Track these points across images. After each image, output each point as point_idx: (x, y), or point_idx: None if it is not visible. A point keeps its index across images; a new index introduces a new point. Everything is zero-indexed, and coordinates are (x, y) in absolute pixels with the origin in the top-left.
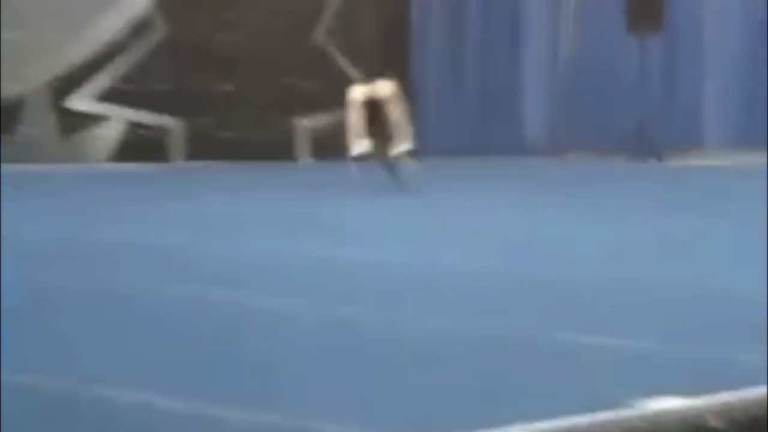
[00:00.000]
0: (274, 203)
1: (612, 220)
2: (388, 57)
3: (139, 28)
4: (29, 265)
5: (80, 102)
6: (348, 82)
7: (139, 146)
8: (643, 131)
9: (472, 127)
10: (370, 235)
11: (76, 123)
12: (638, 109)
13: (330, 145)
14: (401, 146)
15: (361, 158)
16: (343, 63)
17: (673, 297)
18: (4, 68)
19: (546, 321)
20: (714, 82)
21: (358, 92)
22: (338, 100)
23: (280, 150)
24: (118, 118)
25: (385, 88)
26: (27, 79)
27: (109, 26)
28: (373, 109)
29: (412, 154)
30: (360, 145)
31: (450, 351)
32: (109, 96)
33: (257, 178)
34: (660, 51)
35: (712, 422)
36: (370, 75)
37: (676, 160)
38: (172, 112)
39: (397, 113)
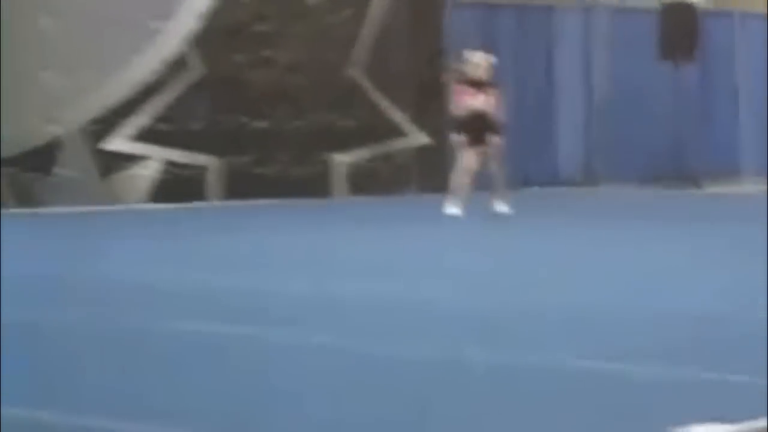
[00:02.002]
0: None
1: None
2: (423, 94)
3: (175, 68)
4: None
5: (117, 143)
6: (382, 116)
7: (176, 186)
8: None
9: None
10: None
11: (113, 164)
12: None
13: (366, 181)
14: (501, 207)
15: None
16: (377, 97)
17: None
18: (41, 110)
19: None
20: (748, 110)
21: (471, 159)
22: (373, 135)
23: (316, 186)
24: (155, 158)
25: (492, 147)
26: (64, 121)
27: (145, 66)
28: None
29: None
30: (451, 207)
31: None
32: (146, 136)
33: (294, 214)
34: (695, 80)
35: None
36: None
37: (713, 188)
38: (208, 151)
39: (500, 174)
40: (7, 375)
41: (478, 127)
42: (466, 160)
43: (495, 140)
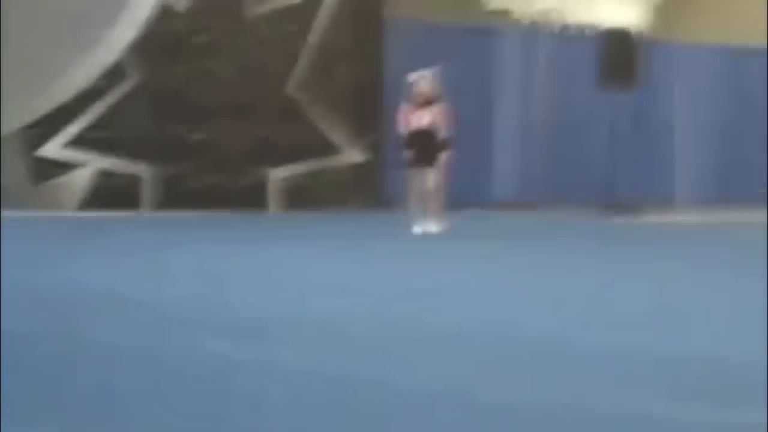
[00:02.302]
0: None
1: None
2: (360, 112)
3: (113, 76)
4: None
5: (52, 149)
6: (319, 133)
7: (110, 193)
8: (614, 187)
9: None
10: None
11: (48, 170)
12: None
13: (300, 196)
14: (430, 227)
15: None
16: (315, 114)
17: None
18: None
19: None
20: (686, 140)
21: (417, 181)
22: (309, 151)
23: (251, 199)
24: (89, 166)
25: (432, 179)
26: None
27: (83, 74)
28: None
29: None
30: (418, 227)
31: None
32: (82, 143)
33: (226, 227)
34: (633, 107)
35: None
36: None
37: (649, 216)
38: (144, 160)
39: (437, 201)
40: None
41: (424, 145)
42: (412, 182)
43: (441, 157)
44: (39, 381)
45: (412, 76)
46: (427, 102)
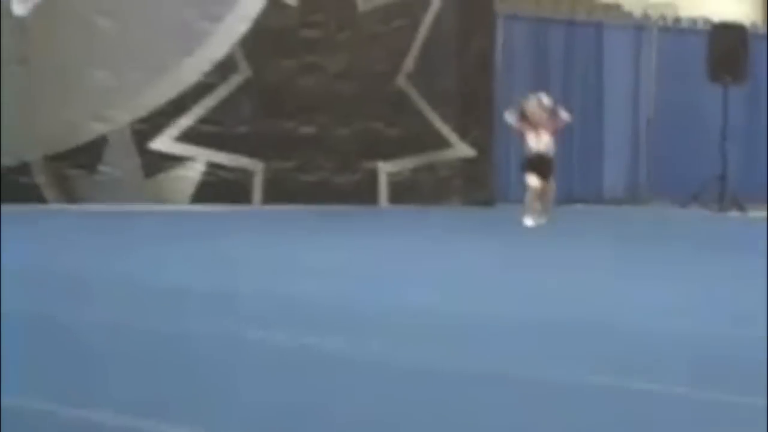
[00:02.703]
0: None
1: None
2: (470, 106)
3: (223, 71)
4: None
5: (163, 143)
6: (428, 126)
7: (220, 188)
8: (724, 182)
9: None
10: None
11: (158, 164)
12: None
13: (409, 190)
14: (541, 220)
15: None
16: (424, 107)
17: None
18: (89, 108)
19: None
20: None
21: (534, 180)
22: (419, 145)
23: (360, 194)
24: (199, 160)
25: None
26: (111, 120)
27: (194, 68)
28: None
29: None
30: (528, 220)
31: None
32: (192, 137)
33: (337, 222)
34: (743, 102)
35: None
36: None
37: (757, 211)
38: (253, 155)
39: (550, 195)
40: (25, 367)
41: (541, 170)
42: (531, 181)
43: (551, 183)
44: (194, 380)
45: (531, 103)
46: (541, 123)
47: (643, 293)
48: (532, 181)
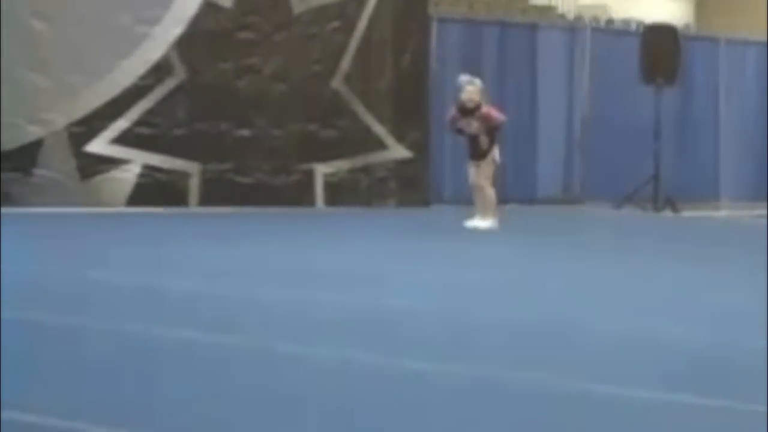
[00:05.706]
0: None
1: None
2: (405, 108)
3: (159, 73)
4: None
5: (99, 146)
6: (365, 128)
7: (156, 190)
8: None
9: None
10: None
11: (94, 166)
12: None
13: (346, 191)
14: (482, 224)
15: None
16: (360, 109)
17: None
18: (24, 111)
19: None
20: (728, 136)
21: (471, 175)
22: (355, 147)
23: (297, 196)
24: (136, 162)
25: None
26: (47, 123)
27: (129, 71)
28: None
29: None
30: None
31: None
32: (128, 140)
33: (273, 224)
34: (676, 104)
35: None
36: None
37: (690, 212)
38: (189, 157)
39: (490, 195)
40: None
41: (472, 150)
42: (470, 174)
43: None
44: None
45: (463, 78)
46: (474, 109)
47: (570, 293)
48: (470, 174)
